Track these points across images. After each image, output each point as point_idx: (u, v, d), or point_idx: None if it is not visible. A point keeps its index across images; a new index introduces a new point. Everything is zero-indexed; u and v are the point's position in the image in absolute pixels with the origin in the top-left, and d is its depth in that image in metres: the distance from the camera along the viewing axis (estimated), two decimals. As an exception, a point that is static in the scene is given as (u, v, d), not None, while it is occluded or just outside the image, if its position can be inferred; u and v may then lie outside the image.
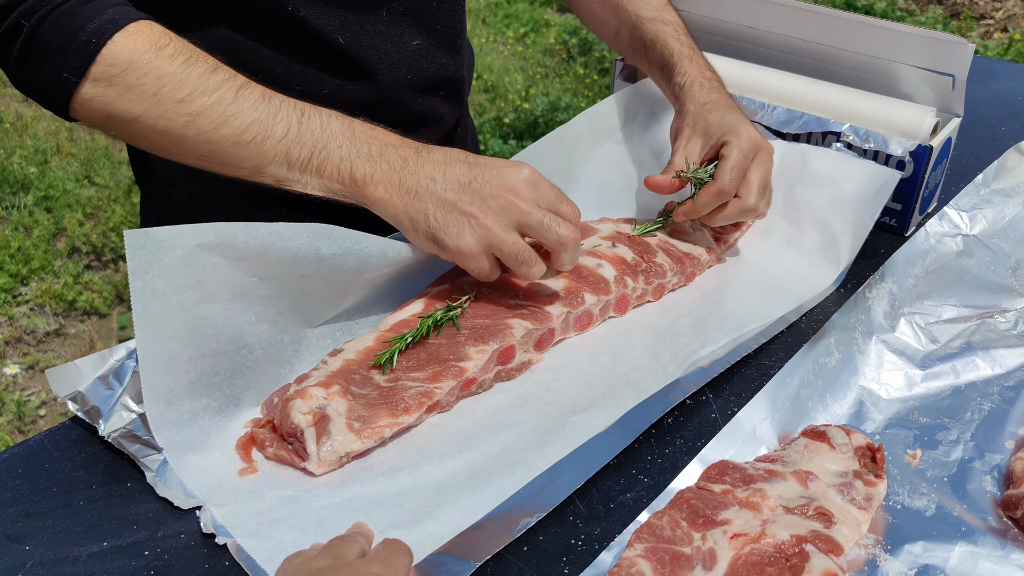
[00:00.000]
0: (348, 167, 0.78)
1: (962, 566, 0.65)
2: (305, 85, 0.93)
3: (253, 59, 0.91)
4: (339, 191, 0.79)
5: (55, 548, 0.63)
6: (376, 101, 0.98)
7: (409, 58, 0.98)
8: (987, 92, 1.49)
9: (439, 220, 0.78)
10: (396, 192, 0.79)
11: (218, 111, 0.75)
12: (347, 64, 0.94)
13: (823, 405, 0.79)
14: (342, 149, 0.78)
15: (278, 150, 0.77)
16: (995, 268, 0.94)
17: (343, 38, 0.92)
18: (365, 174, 0.78)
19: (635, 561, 0.60)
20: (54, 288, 2.84)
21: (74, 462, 0.70)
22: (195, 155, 0.77)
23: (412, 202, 0.79)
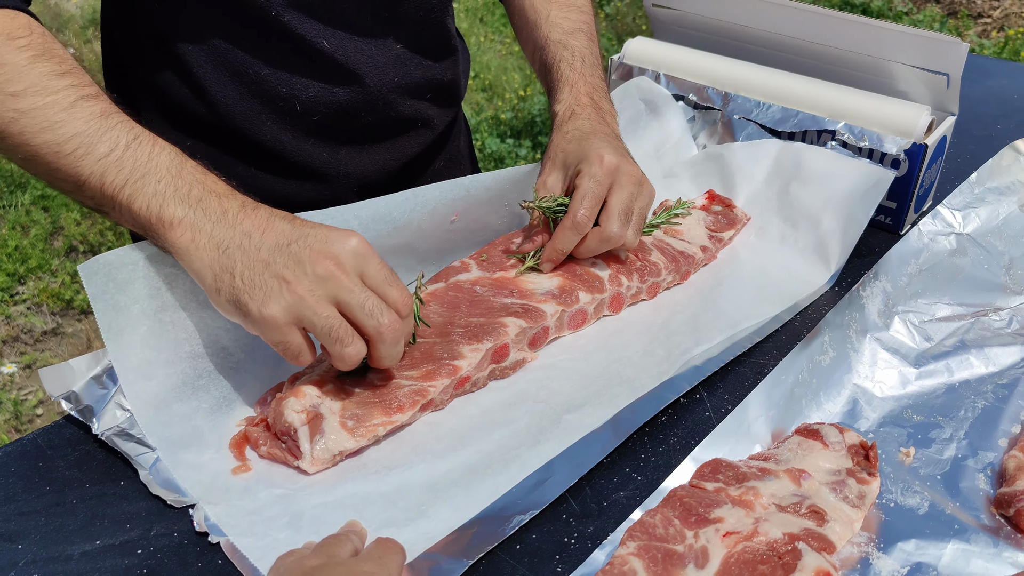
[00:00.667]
0: (158, 204, 0.70)
1: (955, 564, 0.65)
2: (291, 88, 0.93)
3: (240, 61, 0.91)
4: (145, 230, 0.72)
5: (48, 547, 0.63)
6: (363, 104, 0.97)
7: (395, 62, 0.97)
8: (983, 90, 1.50)
9: (245, 281, 0.68)
10: (204, 243, 0.70)
11: (46, 114, 0.69)
12: (332, 68, 0.93)
13: (817, 403, 0.79)
14: (160, 184, 0.71)
15: (94, 169, 0.70)
16: (989, 267, 0.94)
17: (328, 43, 0.91)
18: (174, 216, 0.70)
19: (628, 559, 0.60)
20: (51, 287, 2.84)
21: (67, 461, 0.70)
22: (17, 156, 0.72)
23: (219, 257, 0.69)
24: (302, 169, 0.99)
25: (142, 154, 0.71)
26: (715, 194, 1.08)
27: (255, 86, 0.92)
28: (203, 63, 0.91)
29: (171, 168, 0.72)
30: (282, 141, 0.96)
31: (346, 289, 0.69)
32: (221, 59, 0.90)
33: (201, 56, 0.90)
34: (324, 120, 0.96)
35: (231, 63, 0.91)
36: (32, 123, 0.69)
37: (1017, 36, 4.57)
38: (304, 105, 0.94)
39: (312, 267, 0.69)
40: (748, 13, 1.16)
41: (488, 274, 0.89)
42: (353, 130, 0.99)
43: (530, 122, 3.80)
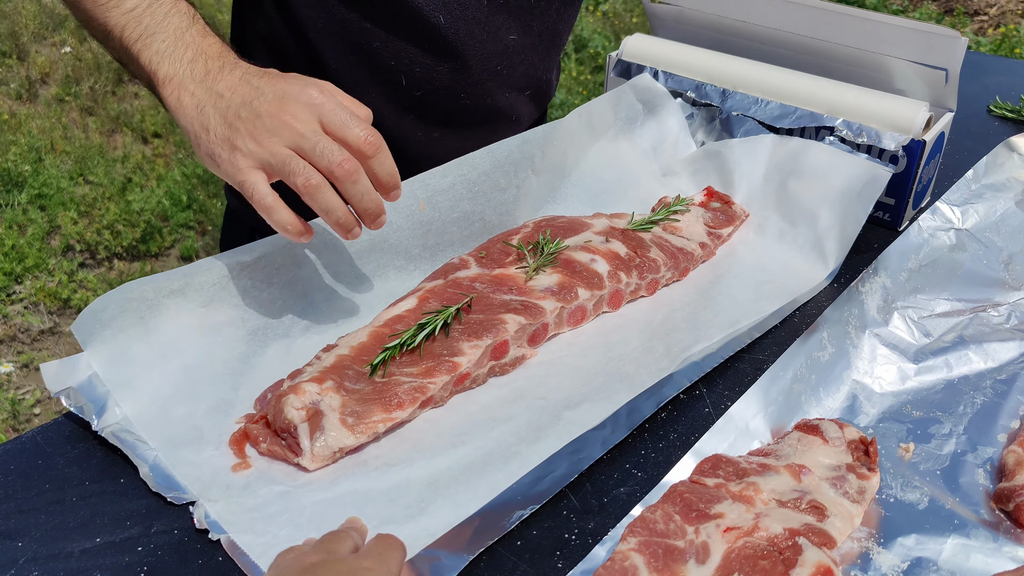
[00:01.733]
0: (158, 61, 0.78)
1: (955, 559, 0.65)
2: (399, 60, 0.96)
3: (356, 30, 0.94)
4: (149, 84, 0.79)
5: (48, 544, 0.63)
6: (464, 87, 1.01)
7: (503, 52, 1.01)
8: (980, 87, 1.50)
9: (217, 136, 0.76)
10: (187, 102, 0.77)
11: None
12: (442, 45, 0.96)
13: (816, 399, 0.79)
14: (164, 43, 0.78)
15: (119, 21, 0.78)
16: (987, 262, 0.94)
17: (444, 18, 0.95)
18: (167, 74, 0.78)
19: (628, 555, 0.60)
20: (48, 286, 2.84)
21: (67, 458, 0.70)
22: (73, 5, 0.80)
23: (198, 116, 0.77)
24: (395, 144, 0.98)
25: (159, 13, 0.79)
26: (713, 191, 1.08)
27: (366, 56, 0.96)
28: (319, 29, 0.94)
29: (177, 30, 0.79)
30: (383, 115, 0.99)
31: (298, 135, 0.74)
32: (338, 27, 0.94)
33: (319, 23, 0.94)
34: (425, 97, 1.00)
35: (347, 32, 0.94)
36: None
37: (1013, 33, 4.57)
38: (409, 79, 0.98)
39: (269, 120, 0.75)
40: (746, 9, 1.16)
41: (487, 271, 0.89)
42: (450, 111, 1.02)
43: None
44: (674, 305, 0.93)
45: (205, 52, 0.79)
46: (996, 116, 1.41)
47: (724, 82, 1.15)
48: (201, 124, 0.76)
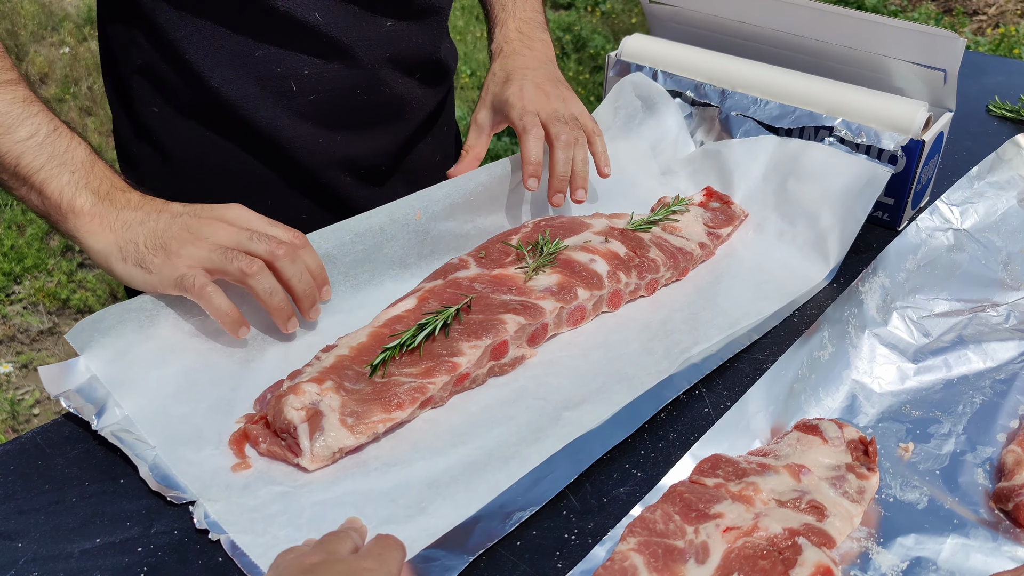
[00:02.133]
0: (71, 193, 0.78)
1: (954, 558, 0.65)
2: (286, 67, 0.94)
3: (234, 43, 0.91)
4: (53, 215, 0.79)
5: (48, 545, 0.63)
6: (357, 82, 0.98)
7: (386, 38, 0.98)
8: (979, 87, 1.50)
9: (148, 246, 0.77)
10: (110, 226, 0.78)
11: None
12: (324, 43, 0.94)
13: (816, 399, 0.79)
14: (74, 175, 0.79)
15: (11, 149, 0.77)
16: (986, 262, 0.94)
17: (320, 15, 0.92)
18: (84, 206, 0.78)
19: (628, 555, 0.60)
20: (47, 286, 2.84)
21: (67, 459, 0.70)
22: None
23: (124, 233, 0.78)
24: (299, 156, 0.99)
25: (60, 145, 0.79)
26: (713, 191, 1.08)
27: (251, 68, 0.93)
28: (197, 47, 0.91)
29: (85, 163, 0.80)
30: (277, 127, 0.96)
31: (232, 233, 0.78)
32: (216, 42, 0.91)
33: (195, 40, 0.91)
34: (321, 101, 0.97)
35: (226, 45, 0.91)
36: None
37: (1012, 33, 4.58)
38: (300, 84, 0.95)
39: (201, 226, 0.78)
40: (744, 9, 1.16)
41: (487, 271, 0.89)
42: (349, 111, 1.00)
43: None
44: (673, 306, 0.93)
45: (118, 187, 0.80)
46: (995, 116, 1.41)
47: (723, 82, 1.15)
48: (127, 240, 0.78)
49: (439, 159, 1.15)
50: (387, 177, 1.08)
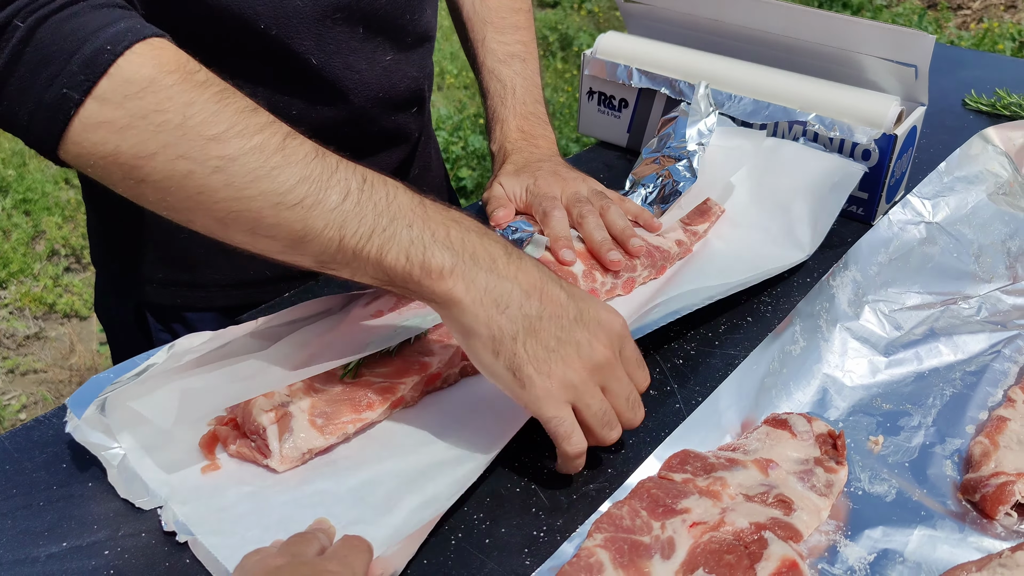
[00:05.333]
0: (420, 252, 0.62)
1: (921, 550, 0.65)
2: (273, 106, 0.88)
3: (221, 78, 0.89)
4: (400, 283, 0.64)
5: (14, 549, 0.63)
6: (346, 120, 0.95)
7: (381, 76, 0.96)
8: (956, 81, 1.50)
9: (528, 351, 0.64)
10: (480, 298, 0.63)
11: (259, 159, 0.60)
12: (317, 84, 0.91)
13: (787, 393, 0.79)
14: (412, 229, 0.63)
15: (330, 220, 0.61)
16: (958, 255, 0.94)
17: (316, 58, 0.88)
18: (443, 265, 0.63)
19: (594, 551, 0.60)
20: (33, 291, 2.83)
21: (35, 463, 0.70)
22: (215, 215, 0.61)
23: (498, 316, 0.63)
24: None
25: (380, 198, 0.63)
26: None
27: None
28: None
29: (415, 209, 0.64)
30: None
31: (617, 378, 0.68)
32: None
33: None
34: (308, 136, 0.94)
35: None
36: (242, 171, 0.60)
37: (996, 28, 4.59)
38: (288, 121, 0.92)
39: (591, 350, 0.66)
40: (719, 7, 1.16)
41: None
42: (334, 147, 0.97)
43: (513, 119, 3.79)
44: (652, 301, 0.93)
45: (468, 228, 0.66)
46: (971, 110, 1.41)
47: (698, 79, 1.15)
48: (503, 330, 0.64)
49: (417, 172, 1.14)
50: None
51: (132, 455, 0.69)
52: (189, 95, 0.59)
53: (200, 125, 0.59)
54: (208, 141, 0.59)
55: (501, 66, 1.09)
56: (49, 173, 3.34)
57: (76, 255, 3.02)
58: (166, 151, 0.58)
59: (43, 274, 2.91)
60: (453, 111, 3.89)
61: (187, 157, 0.58)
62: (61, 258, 3.01)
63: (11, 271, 2.87)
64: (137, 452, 0.69)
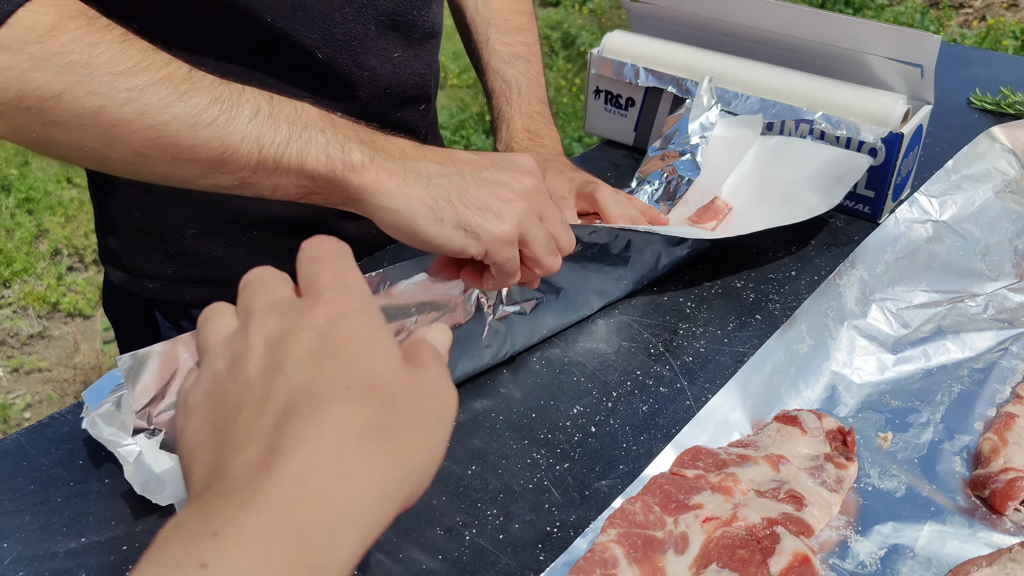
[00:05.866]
0: (339, 151, 0.65)
1: (931, 545, 0.66)
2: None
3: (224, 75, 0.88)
4: (324, 186, 0.66)
5: (33, 545, 0.63)
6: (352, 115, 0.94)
7: (391, 72, 0.96)
8: (960, 79, 1.51)
9: (468, 204, 0.66)
10: (404, 178, 0.65)
11: (169, 87, 0.62)
12: (325, 79, 0.91)
13: (796, 391, 0.80)
14: (326, 134, 0.65)
15: (247, 133, 0.64)
16: (964, 253, 0.95)
17: (322, 52, 0.89)
18: (363, 158, 0.65)
19: (608, 546, 0.60)
20: (37, 290, 2.84)
21: (51, 460, 0.70)
22: (131, 147, 0.63)
23: (428, 188, 0.66)
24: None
25: (289, 111, 0.66)
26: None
27: None
28: None
29: (323, 117, 0.67)
30: None
31: (548, 204, 0.70)
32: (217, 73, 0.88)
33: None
34: None
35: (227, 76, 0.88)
36: (154, 99, 0.62)
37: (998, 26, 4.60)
38: None
39: (519, 184, 0.69)
40: (723, 7, 1.17)
41: None
42: None
43: (515, 118, 3.80)
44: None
45: (374, 131, 0.69)
46: (976, 108, 1.42)
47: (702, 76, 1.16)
48: (437, 196, 0.66)
49: None
50: None
51: (148, 452, 0.69)
52: (93, 36, 0.61)
53: (107, 63, 0.61)
54: (116, 76, 0.61)
55: (506, 67, 1.10)
56: (51, 172, 3.34)
57: (79, 254, 3.03)
58: (73, 89, 0.60)
59: (46, 273, 2.91)
60: (456, 110, 3.89)
61: (97, 92, 0.60)
62: (64, 257, 3.02)
63: (14, 270, 2.88)
64: (153, 449, 0.70)
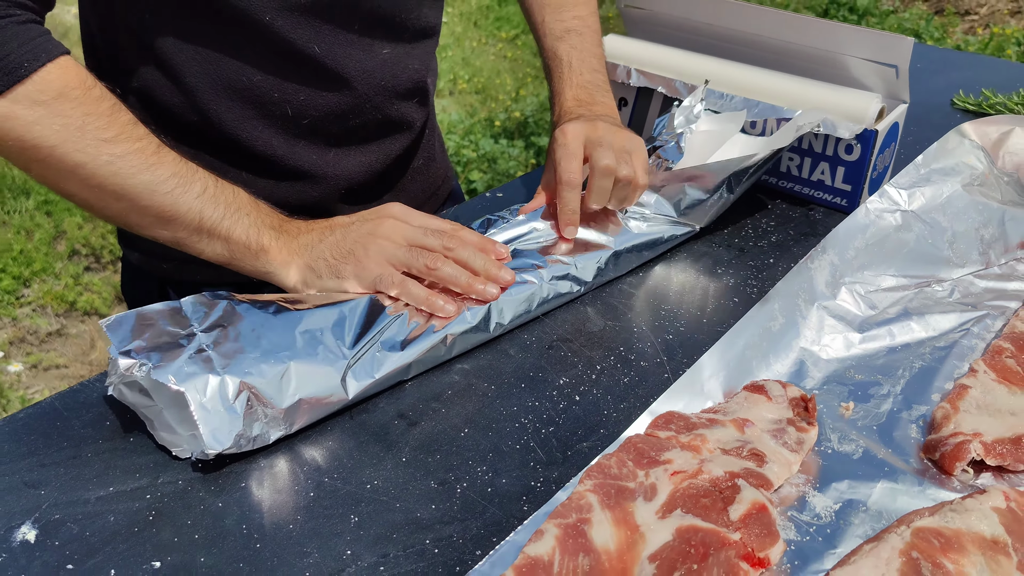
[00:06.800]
0: (256, 233, 0.87)
1: (882, 500, 0.72)
2: (282, 93, 0.97)
3: (231, 69, 0.94)
4: (240, 258, 0.87)
5: (67, 492, 0.70)
6: (351, 107, 1.02)
7: (382, 66, 1.02)
8: (946, 81, 1.57)
9: (337, 257, 0.87)
10: (296, 253, 0.88)
11: (141, 158, 0.80)
12: (322, 73, 0.98)
13: (766, 364, 0.86)
14: (249, 217, 0.87)
15: (192, 205, 0.83)
16: (933, 241, 1.01)
17: (318, 47, 0.96)
18: (269, 243, 0.87)
19: (584, 495, 0.67)
20: (55, 289, 2.91)
21: (82, 420, 0.77)
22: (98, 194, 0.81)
23: (310, 255, 0.88)
24: (292, 172, 1.03)
25: (227, 193, 0.86)
26: None
27: (246, 92, 0.96)
28: (195, 73, 0.94)
29: (250, 203, 0.88)
30: (273, 145, 1.00)
31: (406, 230, 0.89)
32: (211, 68, 0.94)
33: (193, 66, 0.94)
34: (314, 123, 1.01)
35: (222, 72, 0.94)
36: (128, 166, 0.80)
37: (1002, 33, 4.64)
38: (295, 109, 0.99)
39: (376, 228, 0.89)
40: (714, 12, 1.23)
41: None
42: (341, 133, 1.04)
43: (522, 123, 3.87)
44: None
45: (283, 218, 0.90)
46: (958, 109, 1.48)
47: (694, 79, 1.22)
48: (315, 259, 0.88)
49: (421, 163, 1.20)
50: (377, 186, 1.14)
51: (169, 412, 0.76)
52: (88, 107, 0.78)
53: (96, 130, 0.78)
54: (102, 142, 0.78)
55: (558, 43, 1.16)
56: (71, 175, 3.42)
57: (96, 255, 3.11)
58: (65, 145, 0.77)
59: (64, 273, 2.99)
60: (464, 115, 3.96)
61: (83, 152, 0.78)
62: (81, 257, 3.10)
63: (34, 270, 2.96)
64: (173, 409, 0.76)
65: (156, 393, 0.73)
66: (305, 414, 0.77)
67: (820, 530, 0.69)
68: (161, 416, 0.75)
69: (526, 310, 0.91)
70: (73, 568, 0.64)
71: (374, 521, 0.69)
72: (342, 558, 0.66)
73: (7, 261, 2.94)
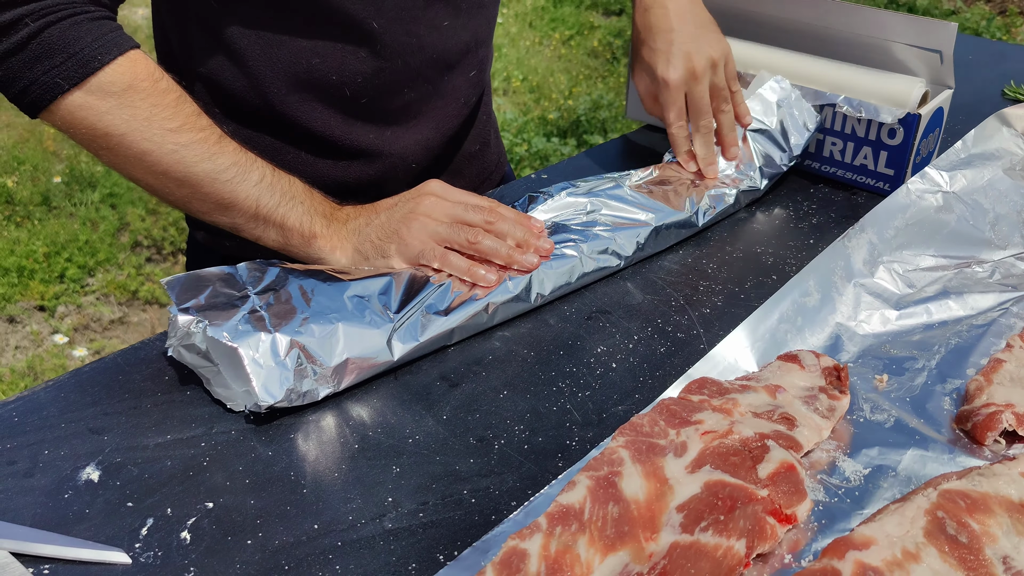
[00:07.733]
0: (309, 221, 0.91)
1: (912, 466, 0.73)
2: (341, 75, 1.00)
3: (292, 51, 0.98)
4: (296, 244, 0.91)
5: (128, 439, 0.74)
6: (405, 84, 1.05)
7: (438, 41, 1.05)
8: (997, 72, 1.56)
9: (383, 238, 0.91)
10: (346, 238, 0.92)
11: (204, 147, 0.85)
12: (380, 50, 1.00)
13: (801, 338, 0.87)
14: (303, 205, 0.91)
15: (251, 193, 0.88)
16: (974, 222, 1.01)
17: (377, 22, 0.98)
18: (321, 230, 0.92)
19: (616, 449, 0.69)
20: (118, 279, 3.01)
21: (142, 375, 0.82)
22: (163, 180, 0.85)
23: (358, 238, 0.92)
24: (351, 151, 1.07)
25: (283, 181, 0.91)
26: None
27: (306, 76, 0.99)
28: (257, 57, 0.98)
29: (304, 191, 0.93)
30: (331, 125, 1.04)
31: (447, 207, 0.92)
32: (273, 52, 0.98)
33: (256, 51, 0.97)
34: (371, 103, 1.04)
35: (283, 56, 0.98)
36: (191, 154, 0.85)
37: (1066, 33, 4.55)
38: (352, 89, 1.02)
39: (417, 207, 0.92)
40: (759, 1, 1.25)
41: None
42: (398, 110, 1.07)
43: (575, 122, 3.90)
44: None
45: (333, 205, 0.95)
46: (1009, 99, 1.47)
47: (739, 64, 1.24)
48: (362, 241, 0.92)
49: (478, 148, 1.24)
50: (433, 166, 1.17)
51: (224, 369, 0.80)
52: (155, 98, 0.83)
53: (162, 120, 0.83)
54: (168, 131, 0.83)
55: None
56: (134, 169, 3.52)
57: (157, 246, 3.20)
58: (134, 134, 0.82)
59: (127, 263, 3.09)
60: (519, 114, 4.00)
61: (150, 140, 0.83)
62: (143, 249, 3.19)
63: (98, 260, 3.05)
64: (227, 366, 0.80)
65: (212, 349, 0.77)
66: (352, 373, 0.80)
67: (848, 492, 0.71)
68: (218, 375, 0.79)
69: (566, 282, 0.94)
70: (132, 506, 0.68)
71: (415, 472, 0.72)
72: (383, 504, 0.69)
73: (73, 251, 3.04)
